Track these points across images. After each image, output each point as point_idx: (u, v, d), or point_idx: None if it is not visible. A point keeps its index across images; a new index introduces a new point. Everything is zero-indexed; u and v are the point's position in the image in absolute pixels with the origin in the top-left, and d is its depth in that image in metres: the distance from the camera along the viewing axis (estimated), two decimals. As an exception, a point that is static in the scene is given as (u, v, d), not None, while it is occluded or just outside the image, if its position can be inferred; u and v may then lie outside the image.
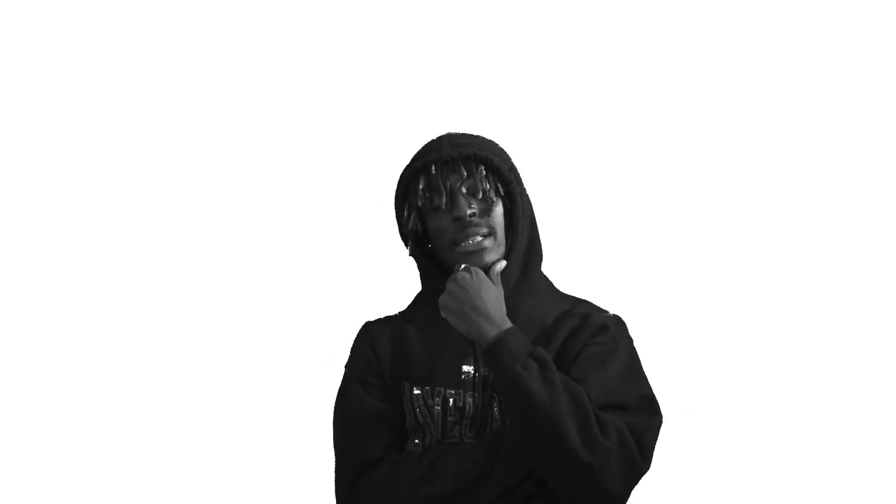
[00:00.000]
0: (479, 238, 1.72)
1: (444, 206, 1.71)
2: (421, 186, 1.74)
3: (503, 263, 1.73)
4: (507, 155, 1.78)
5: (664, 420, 1.70)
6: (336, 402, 1.78)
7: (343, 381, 1.79)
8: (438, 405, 1.70)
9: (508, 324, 1.64)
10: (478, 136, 1.78)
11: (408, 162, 1.79)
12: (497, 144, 1.79)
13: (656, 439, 1.67)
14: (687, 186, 2.94)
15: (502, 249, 1.74)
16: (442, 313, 1.66)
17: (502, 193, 1.75)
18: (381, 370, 1.76)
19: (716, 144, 2.96)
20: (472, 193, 1.73)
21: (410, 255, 1.81)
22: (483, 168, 1.73)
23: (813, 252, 2.88)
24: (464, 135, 1.78)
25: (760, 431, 2.79)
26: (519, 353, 1.60)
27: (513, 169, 1.77)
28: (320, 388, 1.93)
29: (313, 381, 2.54)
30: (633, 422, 1.62)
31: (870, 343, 2.82)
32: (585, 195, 2.93)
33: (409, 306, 1.85)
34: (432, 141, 1.78)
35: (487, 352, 1.61)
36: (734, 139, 2.95)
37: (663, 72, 2.99)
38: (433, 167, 1.72)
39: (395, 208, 1.79)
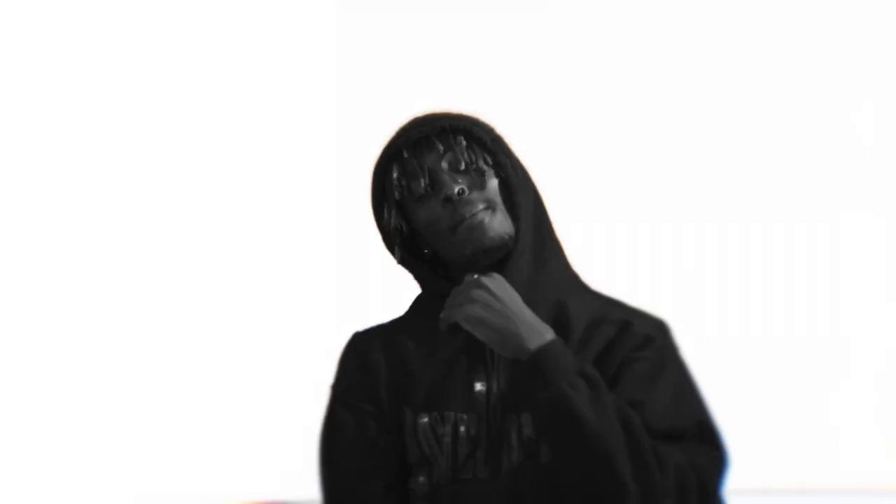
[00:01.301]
0: (479, 216, 1.46)
1: (426, 190, 1.47)
2: (395, 175, 1.49)
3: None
4: (489, 126, 1.53)
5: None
6: (322, 433, 1.51)
7: (329, 407, 1.53)
8: (449, 434, 1.44)
9: (551, 334, 1.38)
10: (450, 112, 1.53)
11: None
12: (475, 117, 1.54)
13: (722, 484, 1.41)
14: (688, 187, 2.94)
15: (509, 227, 1.48)
16: (465, 325, 1.40)
17: (491, 163, 1.49)
18: (376, 393, 1.49)
19: (718, 146, 2.96)
20: (455, 169, 1.48)
21: (400, 263, 1.55)
22: (462, 139, 1.48)
23: (814, 254, 2.88)
24: (432, 112, 1.54)
25: (759, 434, 2.79)
26: (566, 369, 1.35)
27: (497, 139, 1.52)
28: (317, 390, 1.89)
29: (310, 382, 2.53)
30: (698, 463, 1.38)
31: (871, 347, 2.83)
32: (585, 195, 2.93)
33: (406, 313, 1.60)
34: (398, 128, 1.54)
35: (528, 366, 1.35)
36: (737, 140, 2.96)
37: (663, 72, 2.98)
38: (404, 151, 1.48)
39: (374, 211, 1.54)
